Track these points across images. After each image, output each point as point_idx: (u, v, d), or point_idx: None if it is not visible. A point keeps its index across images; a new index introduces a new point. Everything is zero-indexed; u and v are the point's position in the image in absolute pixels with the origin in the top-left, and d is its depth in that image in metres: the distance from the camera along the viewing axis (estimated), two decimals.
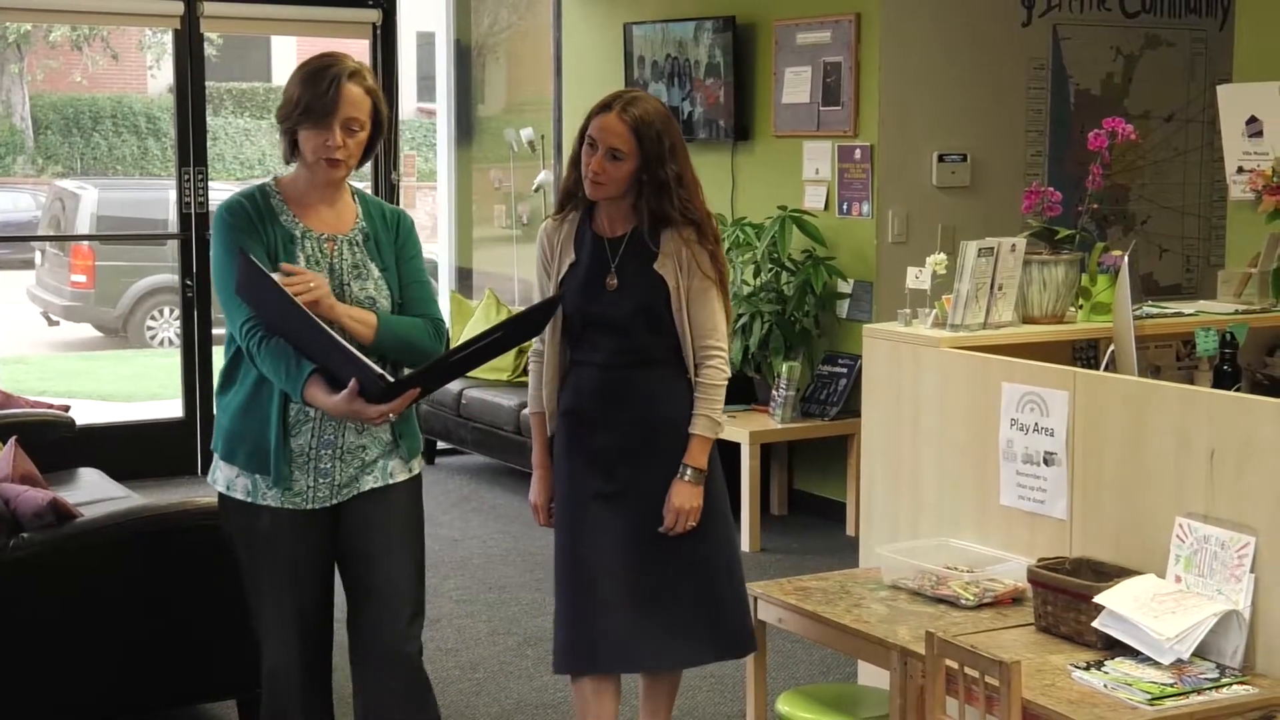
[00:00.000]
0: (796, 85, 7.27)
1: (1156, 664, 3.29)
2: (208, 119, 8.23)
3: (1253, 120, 5.67)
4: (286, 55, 18.53)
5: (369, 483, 3.53)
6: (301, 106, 3.39)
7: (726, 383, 3.78)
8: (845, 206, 7.06)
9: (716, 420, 3.78)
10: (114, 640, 4.26)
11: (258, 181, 3.67)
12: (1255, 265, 5.25)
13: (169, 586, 4.35)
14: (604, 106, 3.71)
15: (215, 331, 8.26)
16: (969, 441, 4.03)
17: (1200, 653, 3.33)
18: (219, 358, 8.29)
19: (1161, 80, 7.55)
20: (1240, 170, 5.63)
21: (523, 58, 10.08)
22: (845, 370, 6.89)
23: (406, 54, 10.61)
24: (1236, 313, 4.83)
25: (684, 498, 3.71)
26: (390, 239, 3.59)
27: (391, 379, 3.34)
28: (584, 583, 3.78)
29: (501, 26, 10.21)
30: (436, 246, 10.15)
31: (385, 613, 3.57)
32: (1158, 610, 3.36)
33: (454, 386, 7.86)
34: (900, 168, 6.91)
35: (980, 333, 4.21)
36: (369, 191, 4.85)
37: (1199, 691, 3.20)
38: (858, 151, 6.97)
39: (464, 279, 9.88)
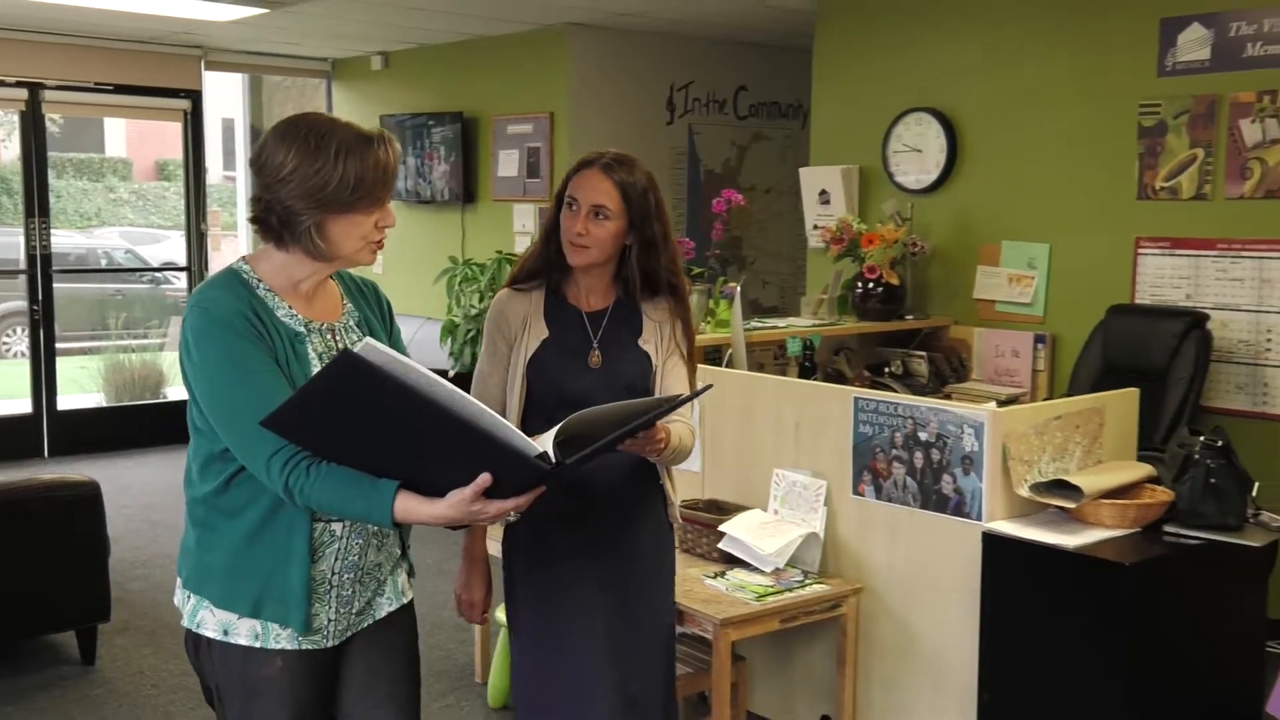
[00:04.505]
0: (507, 163, 7.23)
1: (761, 572, 3.35)
2: (50, 181, 7.65)
3: (823, 193, 5.90)
4: (117, 131, 17.36)
5: (384, 607, 2.17)
6: (355, 185, 1.96)
7: (690, 444, 2.49)
8: None
9: (685, 437, 2.46)
10: None
11: (219, 270, 2.08)
12: (826, 293, 5.45)
13: (19, 542, 4.02)
14: (583, 163, 2.47)
15: (59, 345, 7.72)
16: None
17: (792, 563, 3.41)
18: (64, 367, 7.97)
19: (763, 163, 7.74)
20: (815, 227, 5.84)
21: None
22: None
23: (212, 134, 10.09)
24: (814, 326, 4.98)
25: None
26: (378, 320, 2.19)
27: (554, 459, 1.86)
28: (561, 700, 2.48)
29: (288, 115, 9.85)
30: None
31: None
32: (762, 534, 3.43)
33: None
34: None
35: None
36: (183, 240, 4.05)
37: (790, 590, 3.28)
38: None
39: None
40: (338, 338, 2.08)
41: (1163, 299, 4.82)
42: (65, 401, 7.83)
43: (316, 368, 1.99)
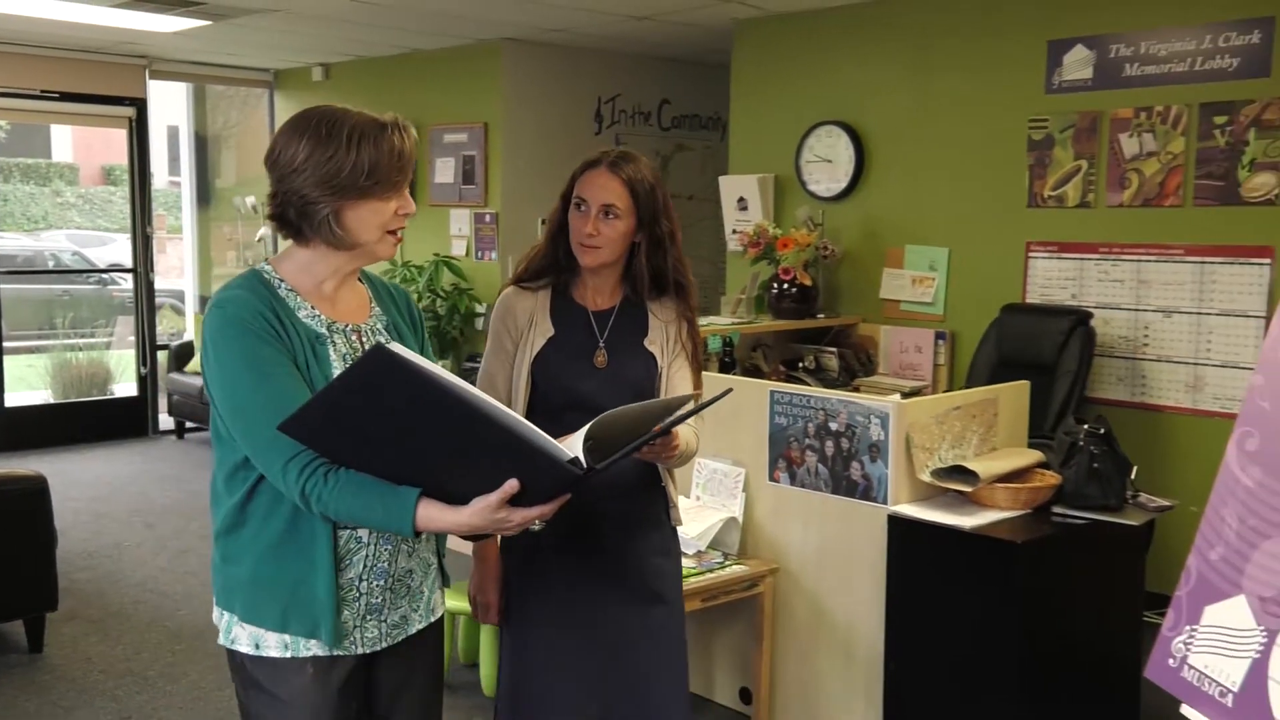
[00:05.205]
0: (444, 170, 7.16)
1: (685, 554, 3.31)
2: None
3: (741, 200, 5.94)
4: (64, 137, 16.87)
5: (417, 622, 1.96)
6: (369, 171, 1.79)
7: (695, 447, 2.32)
8: (479, 254, 7.00)
9: (691, 441, 2.28)
10: None
11: (241, 273, 1.90)
12: (744, 293, 5.49)
13: None
14: (590, 164, 2.29)
15: (6, 344, 7.48)
16: None
17: (713, 546, 3.42)
18: (12, 365, 7.72)
19: (686, 172, 7.73)
20: (734, 232, 5.87)
21: (246, 145, 9.56)
22: (479, 364, 6.82)
23: (157, 141, 9.86)
24: (733, 324, 5.01)
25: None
26: (407, 326, 1.98)
27: (585, 463, 1.64)
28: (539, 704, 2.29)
29: (231, 123, 9.65)
30: (184, 281, 9.50)
31: None
32: (686, 520, 3.42)
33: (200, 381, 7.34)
34: (515, 227, 6.90)
35: None
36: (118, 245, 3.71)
37: (712, 571, 3.30)
38: (487, 216, 6.92)
39: (205, 304, 9.29)
40: (364, 339, 1.87)
41: (1051, 299, 4.93)
42: (13, 398, 7.62)
43: (338, 369, 1.79)
